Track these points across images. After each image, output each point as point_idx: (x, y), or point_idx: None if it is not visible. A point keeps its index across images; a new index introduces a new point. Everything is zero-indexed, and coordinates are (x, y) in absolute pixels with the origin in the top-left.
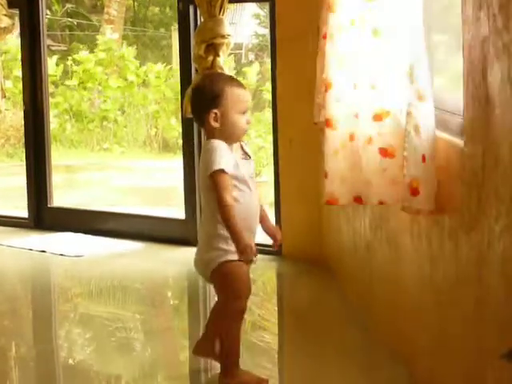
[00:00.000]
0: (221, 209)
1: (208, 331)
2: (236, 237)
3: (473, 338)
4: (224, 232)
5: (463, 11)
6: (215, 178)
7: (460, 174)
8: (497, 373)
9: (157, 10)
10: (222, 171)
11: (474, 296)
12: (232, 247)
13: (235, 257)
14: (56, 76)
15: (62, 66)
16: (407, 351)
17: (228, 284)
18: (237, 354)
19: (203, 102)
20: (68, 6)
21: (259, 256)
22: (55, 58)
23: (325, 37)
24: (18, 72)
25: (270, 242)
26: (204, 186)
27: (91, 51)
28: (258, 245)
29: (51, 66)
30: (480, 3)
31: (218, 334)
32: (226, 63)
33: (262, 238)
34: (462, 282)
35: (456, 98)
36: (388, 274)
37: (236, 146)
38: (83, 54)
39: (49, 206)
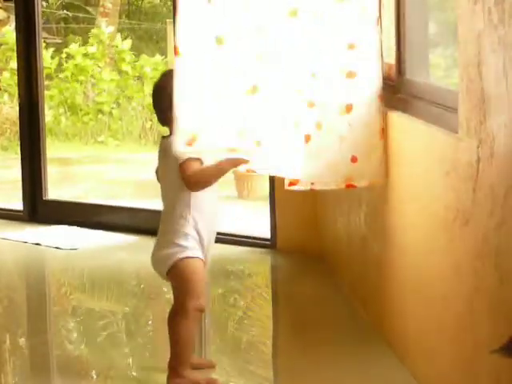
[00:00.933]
0: (191, 177)
1: None
2: (219, 169)
3: (467, 329)
4: (182, 228)
5: (459, 5)
6: (187, 165)
7: (455, 167)
8: (490, 364)
9: (155, 1)
10: (196, 159)
11: (468, 289)
12: (190, 243)
13: (194, 253)
14: (51, 69)
15: (57, 58)
16: (402, 343)
17: (187, 281)
18: (190, 354)
19: (168, 100)
20: None
21: (254, 249)
22: (51, 50)
23: None
24: (14, 64)
25: (264, 235)
26: (167, 180)
27: (84, 44)
28: (249, 237)
29: (47, 58)
30: None
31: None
32: None
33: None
34: (457, 275)
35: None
36: (383, 267)
37: None
38: (73, 46)
39: (44, 198)
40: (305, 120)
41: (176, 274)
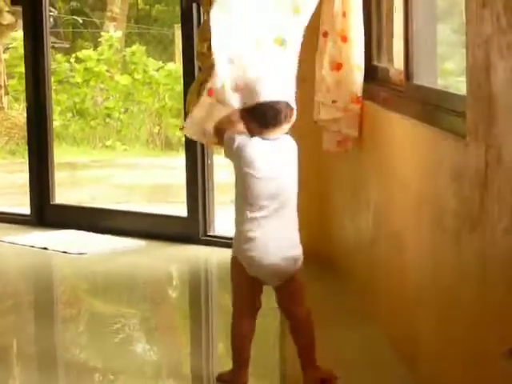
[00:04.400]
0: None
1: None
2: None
3: (475, 336)
4: None
5: (467, 9)
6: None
7: (463, 172)
8: (498, 372)
9: (161, 7)
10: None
11: (476, 295)
12: None
13: None
14: (60, 74)
15: (65, 63)
16: (409, 349)
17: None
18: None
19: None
20: (72, 3)
21: None
22: (61, 55)
23: (324, 35)
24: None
25: None
26: (291, 182)
27: (94, 49)
28: None
29: (57, 63)
30: (484, 2)
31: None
32: None
33: None
34: (465, 281)
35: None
36: (391, 271)
37: None
38: (84, 51)
39: (51, 203)
40: None
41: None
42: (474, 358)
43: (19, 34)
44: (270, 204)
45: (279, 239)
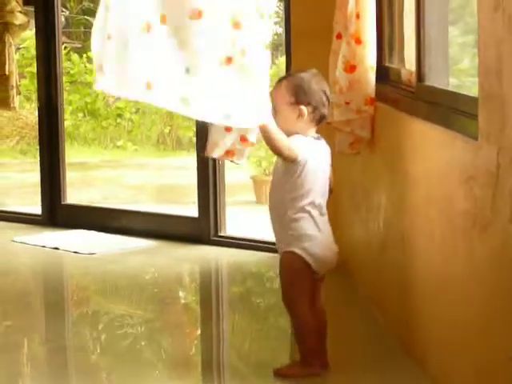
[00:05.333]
0: None
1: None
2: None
3: (485, 335)
4: None
5: (479, 12)
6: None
7: (475, 174)
8: (509, 370)
9: None
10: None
11: (487, 296)
12: None
13: None
14: (75, 75)
15: (81, 64)
16: (420, 348)
17: None
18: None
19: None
20: (84, 3)
21: (272, 255)
22: (77, 56)
23: (338, 36)
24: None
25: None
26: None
27: None
28: (267, 242)
29: (70, 63)
30: (496, 5)
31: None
32: None
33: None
34: (476, 281)
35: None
36: (402, 272)
37: None
38: None
39: (62, 203)
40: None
41: None
42: (485, 360)
43: (31, 33)
44: (322, 201)
45: (329, 234)
